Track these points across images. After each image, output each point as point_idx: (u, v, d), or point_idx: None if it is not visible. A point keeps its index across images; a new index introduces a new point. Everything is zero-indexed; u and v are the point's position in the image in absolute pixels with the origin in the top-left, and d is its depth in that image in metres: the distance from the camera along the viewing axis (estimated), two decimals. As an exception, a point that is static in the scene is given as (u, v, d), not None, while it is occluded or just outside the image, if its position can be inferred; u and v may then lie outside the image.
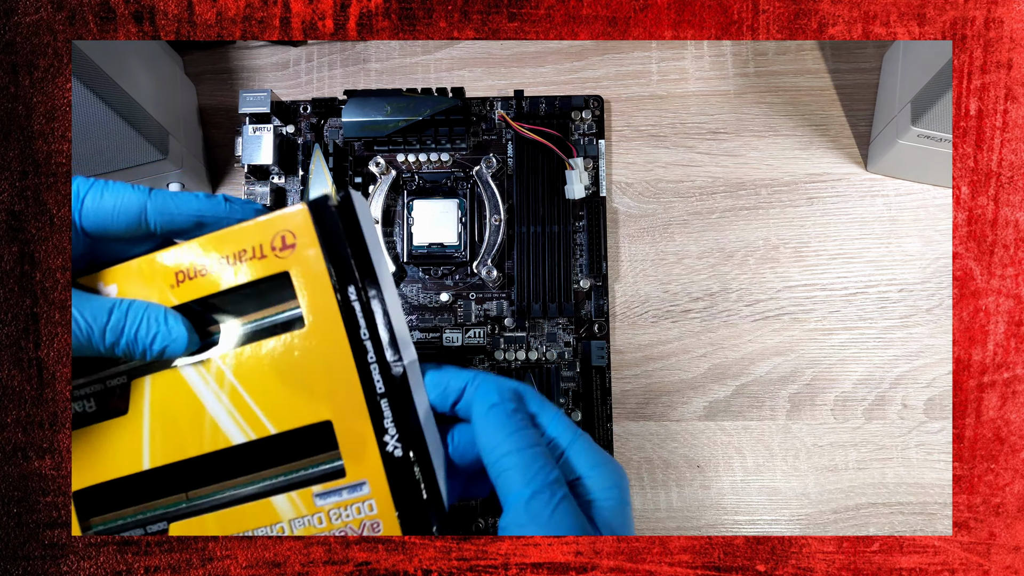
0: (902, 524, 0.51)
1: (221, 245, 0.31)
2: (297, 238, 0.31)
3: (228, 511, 0.32)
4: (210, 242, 0.31)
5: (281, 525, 0.32)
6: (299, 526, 0.32)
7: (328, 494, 0.31)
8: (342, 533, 0.32)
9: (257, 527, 0.32)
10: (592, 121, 0.55)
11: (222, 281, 0.31)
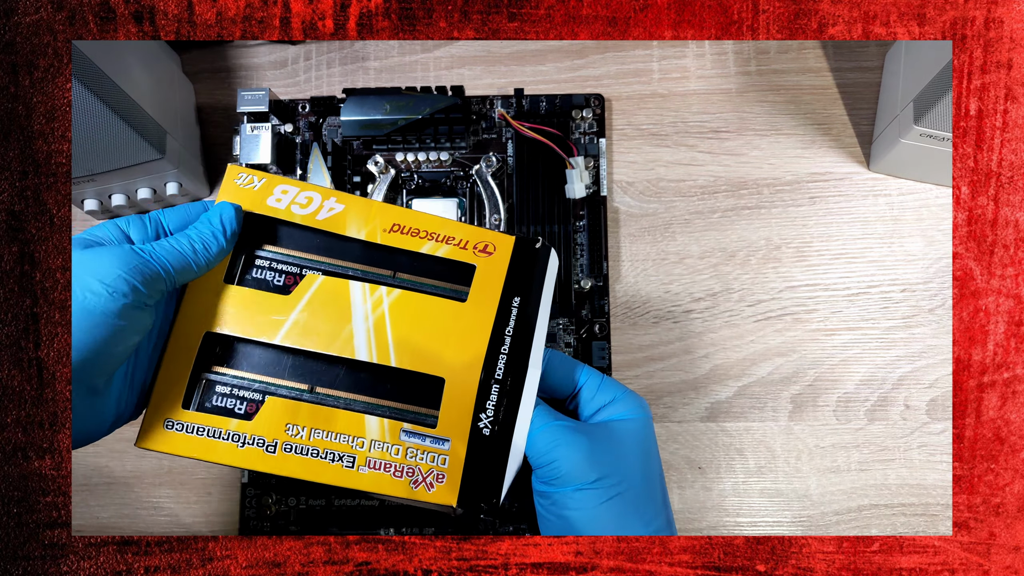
0: (904, 526, 0.50)
1: (442, 227, 0.38)
2: (497, 250, 0.38)
3: (324, 409, 0.36)
4: (434, 221, 0.38)
5: (363, 440, 0.36)
6: (377, 448, 0.36)
7: (414, 435, 0.36)
8: (410, 470, 0.35)
9: (344, 433, 0.36)
10: (593, 120, 0.55)
11: (425, 248, 0.38)
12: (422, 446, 0.36)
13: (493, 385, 0.36)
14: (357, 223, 0.38)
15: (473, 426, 0.36)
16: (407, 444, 0.36)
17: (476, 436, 0.36)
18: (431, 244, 0.38)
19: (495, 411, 0.36)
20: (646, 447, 0.37)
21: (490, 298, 0.37)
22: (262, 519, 0.51)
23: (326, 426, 0.36)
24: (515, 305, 0.37)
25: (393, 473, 0.35)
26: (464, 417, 0.36)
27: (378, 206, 0.39)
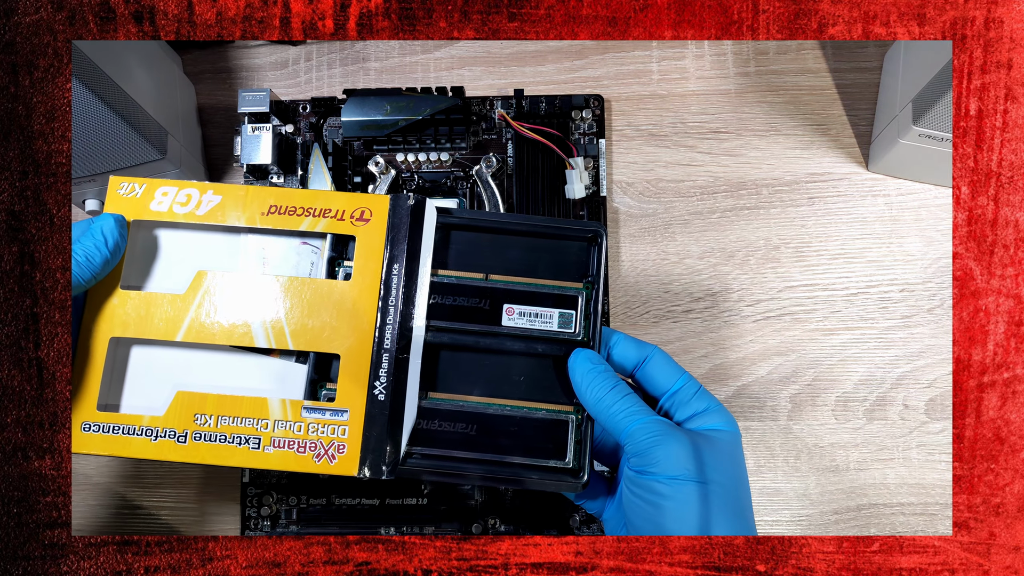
0: (903, 525, 0.51)
1: (315, 200, 0.39)
2: (373, 216, 0.39)
3: (229, 396, 0.38)
4: (308, 195, 0.40)
5: (267, 422, 0.38)
6: (281, 427, 0.37)
7: (315, 410, 0.38)
8: (312, 445, 0.37)
9: (248, 416, 0.37)
10: (592, 120, 0.55)
11: (303, 224, 0.39)
12: (323, 420, 0.37)
13: (384, 354, 0.38)
14: (236, 211, 0.39)
15: (369, 394, 0.37)
16: (309, 420, 0.37)
17: (372, 403, 0.37)
18: (309, 220, 0.39)
19: (387, 377, 0.37)
20: (739, 462, 0.37)
21: (373, 271, 0.39)
22: (262, 519, 0.51)
23: (232, 412, 0.37)
24: (396, 273, 0.39)
25: (297, 450, 0.37)
26: (360, 387, 0.37)
27: (253, 191, 0.40)
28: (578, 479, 0.38)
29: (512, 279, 0.40)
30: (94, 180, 0.50)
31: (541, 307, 0.40)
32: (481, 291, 0.40)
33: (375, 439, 0.37)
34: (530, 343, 0.39)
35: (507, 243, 0.41)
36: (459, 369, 0.40)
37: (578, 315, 0.40)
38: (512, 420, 0.39)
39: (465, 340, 0.39)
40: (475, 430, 0.39)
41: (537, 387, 0.39)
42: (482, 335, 0.39)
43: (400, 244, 0.39)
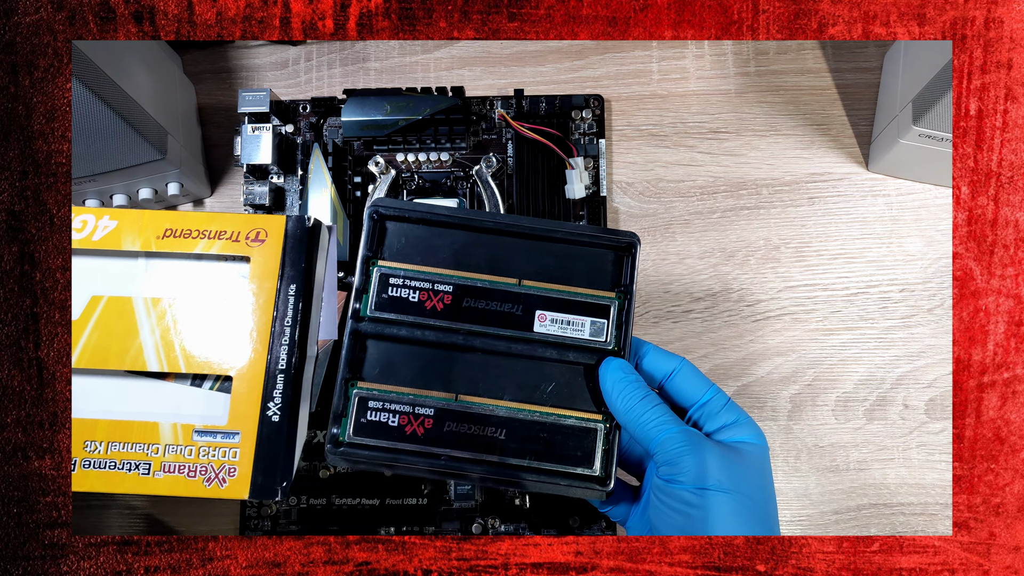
0: (903, 525, 0.51)
1: (210, 222, 0.39)
2: (269, 236, 0.39)
3: (122, 422, 0.37)
4: (203, 218, 0.39)
5: (157, 447, 0.37)
6: (172, 452, 0.37)
7: (206, 433, 0.37)
8: (203, 469, 0.37)
9: (139, 442, 0.37)
10: (592, 120, 0.55)
11: (198, 247, 0.39)
12: (214, 443, 0.37)
13: (279, 375, 0.38)
14: (131, 236, 0.39)
15: (262, 415, 0.37)
16: (200, 444, 0.37)
17: (265, 424, 0.37)
18: (204, 242, 0.39)
19: (282, 398, 0.38)
20: (767, 475, 0.37)
21: (267, 291, 0.39)
22: (262, 519, 0.51)
23: (122, 438, 0.37)
24: (291, 293, 0.39)
25: (187, 474, 0.37)
26: (252, 408, 0.37)
27: (149, 215, 0.39)
28: (604, 487, 0.38)
29: (546, 286, 0.40)
30: (94, 180, 0.50)
31: (574, 315, 0.40)
32: (514, 296, 0.40)
33: (267, 461, 0.37)
34: (562, 351, 0.39)
35: (539, 249, 0.40)
36: (489, 373, 0.39)
37: (610, 324, 0.40)
38: (542, 426, 0.39)
39: (496, 345, 0.39)
40: (504, 434, 0.39)
41: (566, 394, 0.39)
42: (514, 340, 0.39)
43: (297, 264, 0.39)
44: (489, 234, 0.40)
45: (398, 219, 0.40)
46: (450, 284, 0.40)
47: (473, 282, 0.40)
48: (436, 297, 0.40)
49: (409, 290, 0.40)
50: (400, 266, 0.40)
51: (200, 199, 0.56)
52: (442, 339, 0.39)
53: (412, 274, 0.40)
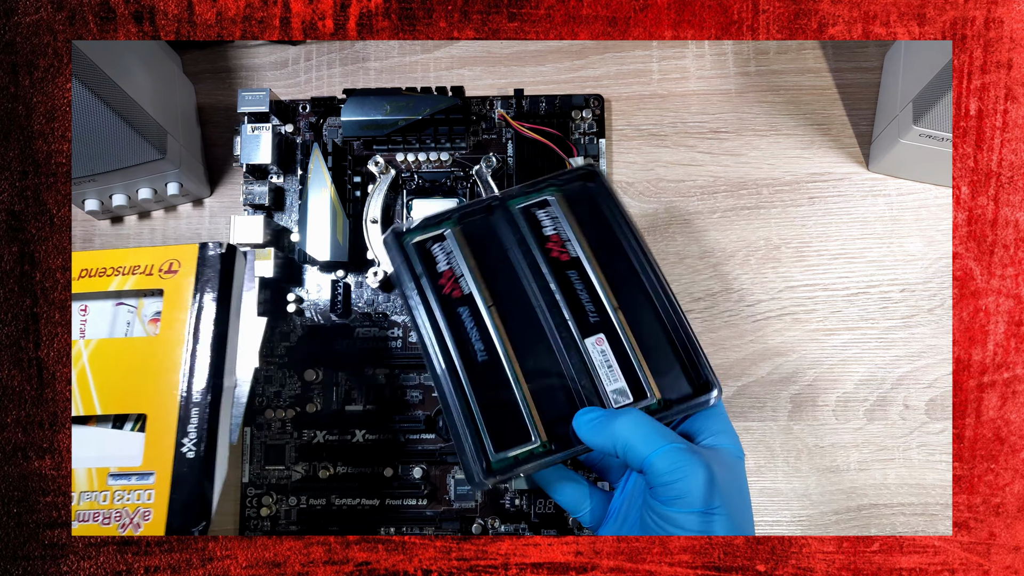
0: (904, 525, 0.50)
1: (124, 258, 0.39)
2: (181, 267, 0.39)
3: None
4: (117, 255, 0.40)
5: (73, 495, 0.36)
6: (87, 499, 0.36)
7: (121, 476, 0.36)
8: (117, 515, 0.35)
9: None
10: (593, 120, 0.55)
11: (112, 285, 0.39)
12: (129, 486, 0.36)
13: (193, 408, 0.37)
14: None
15: (177, 452, 0.36)
16: (115, 488, 0.36)
17: (180, 461, 0.36)
18: (119, 279, 0.39)
19: (197, 433, 0.37)
20: (745, 487, 0.37)
21: (179, 323, 0.38)
22: (262, 519, 0.51)
23: None
24: (205, 324, 0.38)
25: (102, 521, 0.36)
26: (167, 445, 0.36)
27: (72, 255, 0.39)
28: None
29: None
30: (95, 180, 0.50)
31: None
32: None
33: (183, 501, 0.36)
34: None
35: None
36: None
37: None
38: None
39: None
40: None
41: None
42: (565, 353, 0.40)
43: (210, 293, 0.38)
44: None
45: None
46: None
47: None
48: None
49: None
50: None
51: (200, 199, 0.56)
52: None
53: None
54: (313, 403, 0.52)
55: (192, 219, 0.56)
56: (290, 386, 0.52)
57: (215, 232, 0.55)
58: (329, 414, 0.52)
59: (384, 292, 0.54)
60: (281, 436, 0.52)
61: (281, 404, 0.52)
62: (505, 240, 0.43)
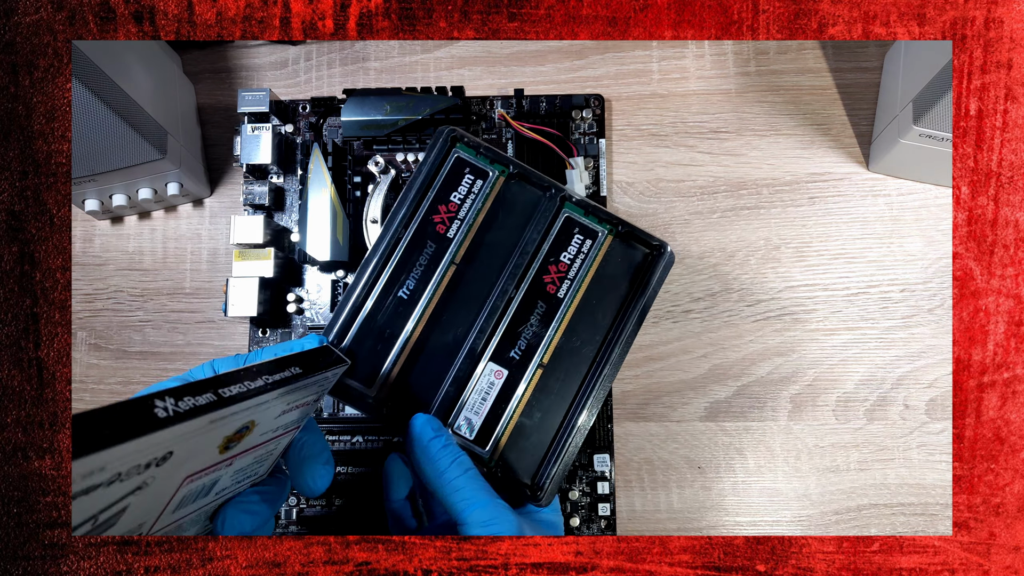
0: (904, 525, 0.50)
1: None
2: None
3: None
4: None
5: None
6: None
7: None
8: None
9: None
10: (593, 120, 0.55)
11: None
12: None
13: None
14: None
15: None
16: None
17: None
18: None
19: None
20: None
21: None
22: (262, 519, 0.51)
23: None
24: None
25: None
26: None
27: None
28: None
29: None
30: (95, 180, 0.50)
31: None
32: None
33: None
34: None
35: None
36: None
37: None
38: None
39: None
40: None
41: None
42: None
43: None
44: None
45: None
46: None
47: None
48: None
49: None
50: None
51: (200, 199, 0.56)
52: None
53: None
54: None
55: (192, 219, 0.56)
56: (290, 386, 0.52)
57: (215, 232, 0.56)
58: (329, 414, 0.52)
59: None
60: (281, 436, 0.52)
61: (281, 404, 0.52)
62: (528, 227, 0.41)
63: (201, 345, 0.54)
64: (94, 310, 0.55)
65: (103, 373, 0.54)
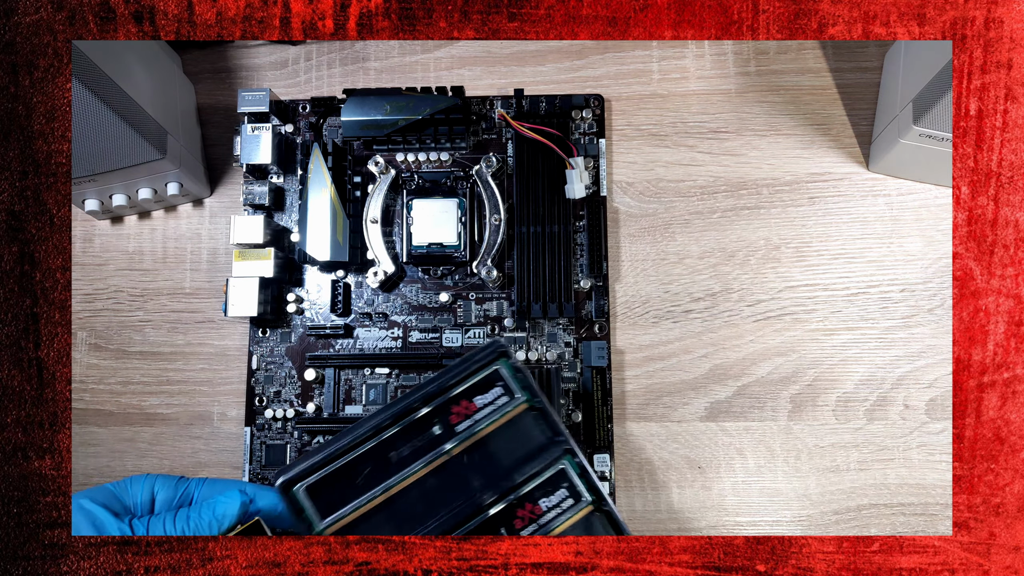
0: (904, 525, 0.50)
1: None
2: None
3: None
4: None
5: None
6: None
7: None
8: None
9: None
10: (593, 120, 0.55)
11: None
12: None
13: None
14: None
15: None
16: None
17: None
18: None
19: None
20: None
21: None
22: (262, 519, 0.51)
23: None
24: None
25: None
26: None
27: None
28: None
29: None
30: (94, 180, 0.50)
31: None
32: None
33: None
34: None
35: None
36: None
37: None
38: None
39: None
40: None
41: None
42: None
43: None
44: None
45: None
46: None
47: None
48: None
49: None
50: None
51: (200, 199, 0.56)
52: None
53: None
54: (313, 403, 0.52)
55: (192, 219, 0.56)
56: (290, 386, 0.52)
57: (215, 232, 0.56)
58: (329, 414, 0.52)
59: (384, 292, 0.54)
60: (281, 436, 0.52)
61: (281, 404, 0.52)
62: (525, 464, 0.41)
63: (201, 345, 0.54)
64: (94, 310, 0.55)
65: (103, 373, 0.54)
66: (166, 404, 0.53)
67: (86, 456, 0.53)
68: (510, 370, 0.42)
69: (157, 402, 0.54)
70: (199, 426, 0.53)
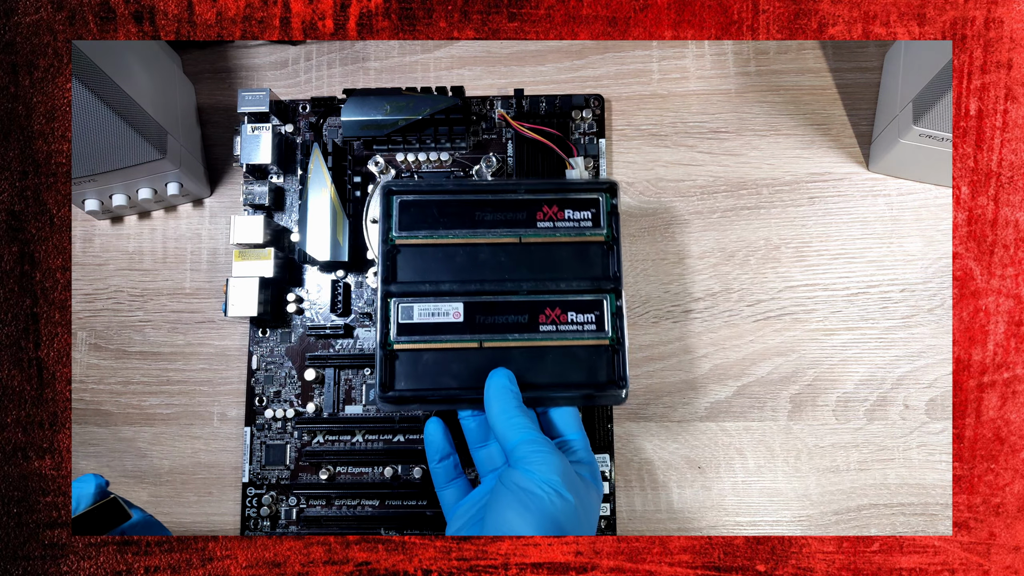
0: (904, 526, 0.50)
1: None
2: None
3: None
4: None
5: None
6: None
7: None
8: None
9: None
10: (593, 120, 0.55)
11: None
12: None
13: None
14: None
15: None
16: None
17: None
18: None
19: None
20: (596, 508, 0.42)
21: None
22: (262, 519, 0.51)
23: None
24: None
25: None
26: None
27: None
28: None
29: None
30: (95, 180, 0.50)
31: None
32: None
33: None
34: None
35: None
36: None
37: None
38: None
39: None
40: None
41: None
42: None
43: None
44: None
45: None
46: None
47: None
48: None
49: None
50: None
51: (200, 199, 0.56)
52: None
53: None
54: (313, 403, 0.52)
55: (192, 219, 0.56)
56: (290, 386, 0.52)
57: (215, 232, 0.56)
58: (329, 414, 0.52)
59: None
60: (281, 436, 0.52)
61: (281, 404, 0.52)
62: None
63: (201, 345, 0.54)
64: (94, 310, 0.55)
65: (103, 373, 0.54)
66: (166, 404, 0.53)
67: (86, 456, 0.53)
68: (608, 207, 0.46)
69: (157, 402, 0.54)
70: (199, 426, 0.53)
